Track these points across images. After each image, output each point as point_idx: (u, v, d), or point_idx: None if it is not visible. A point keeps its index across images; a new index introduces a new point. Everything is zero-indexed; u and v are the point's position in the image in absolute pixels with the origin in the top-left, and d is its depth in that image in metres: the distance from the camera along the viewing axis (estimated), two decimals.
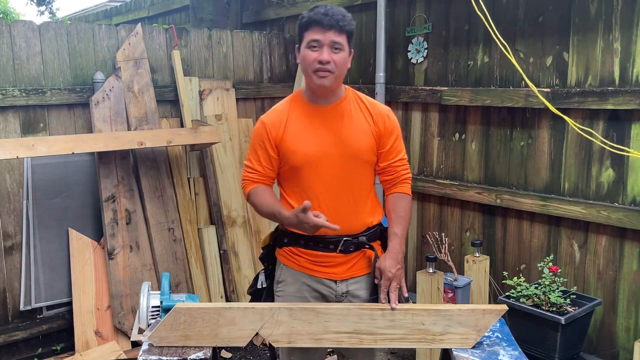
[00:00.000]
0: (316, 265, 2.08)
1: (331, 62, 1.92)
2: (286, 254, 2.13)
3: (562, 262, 3.07)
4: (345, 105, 2.06)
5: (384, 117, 2.08)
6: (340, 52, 1.94)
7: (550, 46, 3.02)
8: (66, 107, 3.47)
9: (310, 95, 2.06)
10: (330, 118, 2.04)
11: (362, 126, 2.05)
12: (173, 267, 3.57)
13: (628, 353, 2.86)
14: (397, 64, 3.81)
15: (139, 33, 3.66)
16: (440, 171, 3.64)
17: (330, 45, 1.93)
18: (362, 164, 2.06)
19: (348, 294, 2.10)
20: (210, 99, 3.95)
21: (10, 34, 3.27)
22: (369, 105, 2.09)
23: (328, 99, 2.04)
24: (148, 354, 1.86)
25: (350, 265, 2.09)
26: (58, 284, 3.39)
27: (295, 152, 2.01)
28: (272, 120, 2.06)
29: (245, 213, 3.92)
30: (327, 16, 1.91)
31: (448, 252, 3.21)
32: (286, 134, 2.03)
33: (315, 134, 2.02)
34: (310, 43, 1.94)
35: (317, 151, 2.01)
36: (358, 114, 2.06)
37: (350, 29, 1.98)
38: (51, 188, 3.38)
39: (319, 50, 1.93)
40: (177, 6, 6.25)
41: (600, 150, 2.87)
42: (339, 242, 2.04)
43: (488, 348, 1.90)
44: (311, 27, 1.94)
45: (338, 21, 1.92)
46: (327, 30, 1.92)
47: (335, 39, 1.92)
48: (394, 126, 2.10)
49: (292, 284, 2.11)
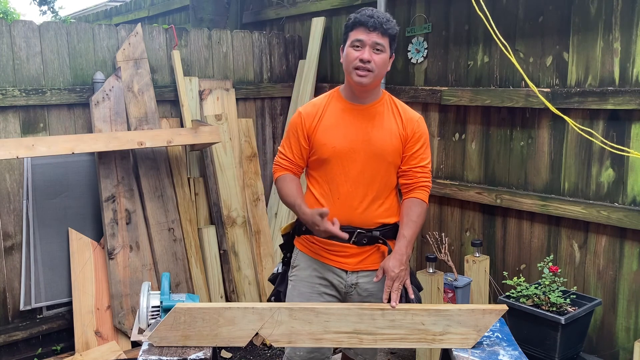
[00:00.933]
0: (329, 253, 2.17)
1: (372, 61, 2.01)
2: (303, 241, 2.24)
3: (562, 262, 3.07)
4: (379, 107, 2.16)
5: (413, 122, 2.18)
6: (382, 54, 2.04)
7: (550, 46, 3.02)
8: (66, 107, 3.47)
9: (348, 94, 2.15)
10: (363, 117, 2.13)
11: (391, 129, 2.14)
12: (173, 267, 3.57)
13: (628, 353, 2.86)
14: (397, 64, 3.81)
15: (139, 33, 3.66)
16: (440, 171, 3.64)
17: (372, 45, 2.02)
18: (385, 164, 2.14)
19: (357, 286, 2.17)
20: (210, 99, 3.95)
21: (10, 34, 3.27)
22: (401, 110, 2.20)
23: (364, 99, 2.14)
24: (148, 354, 1.86)
25: (363, 258, 2.16)
26: (58, 284, 3.39)
27: (324, 145, 2.11)
28: (308, 112, 2.18)
29: (245, 213, 3.92)
30: (372, 18, 2.01)
31: (448, 252, 3.21)
32: (319, 126, 2.13)
33: (345, 130, 2.12)
34: (353, 42, 2.04)
35: (344, 146, 2.10)
36: (389, 117, 2.15)
37: (393, 32, 2.06)
38: (51, 188, 3.38)
39: (361, 49, 2.02)
40: (177, 6, 6.26)
41: (600, 150, 2.87)
42: (353, 233, 2.12)
43: (488, 348, 1.90)
44: (356, 27, 2.04)
45: (382, 24, 2.01)
46: (371, 32, 2.01)
47: (378, 40, 2.02)
48: (422, 133, 2.19)
49: (305, 269, 2.21)
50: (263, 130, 4.35)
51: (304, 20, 4.44)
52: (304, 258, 2.23)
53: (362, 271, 2.17)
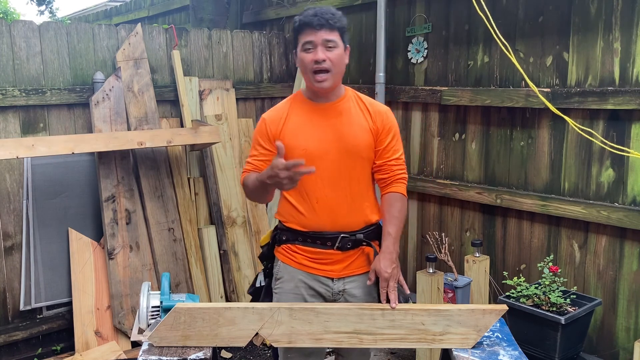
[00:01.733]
0: (313, 262, 2.10)
1: (327, 60, 1.96)
2: (284, 251, 2.15)
3: (562, 262, 3.07)
4: (344, 103, 2.09)
5: (382, 115, 2.11)
6: (335, 50, 1.98)
7: (550, 46, 3.02)
8: (66, 107, 3.47)
9: (311, 94, 2.10)
10: (329, 115, 2.07)
11: (361, 123, 2.08)
12: (173, 267, 3.57)
13: (628, 353, 2.86)
14: (397, 64, 3.81)
15: (139, 33, 3.66)
16: (440, 171, 3.64)
17: (323, 44, 1.97)
18: (360, 160, 2.07)
19: (344, 292, 2.11)
20: (210, 99, 3.95)
21: (10, 34, 3.27)
22: (367, 104, 2.13)
23: (328, 97, 2.08)
24: (148, 354, 1.86)
25: (348, 264, 2.10)
26: (58, 284, 3.39)
27: (294, 148, 2.03)
28: (272, 116, 2.11)
29: (245, 213, 3.92)
30: (316, 16, 1.96)
31: (448, 252, 3.21)
32: (285, 129, 2.07)
33: (314, 130, 2.05)
34: (304, 45, 1.99)
35: (315, 147, 2.03)
36: (357, 112, 2.09)
37: (341, 25, 2.01)
38: (51, 188, 3.38)
39: (313, 51, 1.97)
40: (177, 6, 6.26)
41: (600, 150, 2.87)
42: (337, 239, 2.05)
43: (488, 348, 1.90)
44: (303, 29, 1.99)
45: (328, 20, 1.96)
46: (319, 30, 1.96)
47: (328, 37, 1.96)
48: (392, 125, 2.13)
49: (289, 281, 2.12)
50: None
51: None
52: (287, 269, 2.13)
53: (348, 277, 2.11)
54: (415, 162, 3.78)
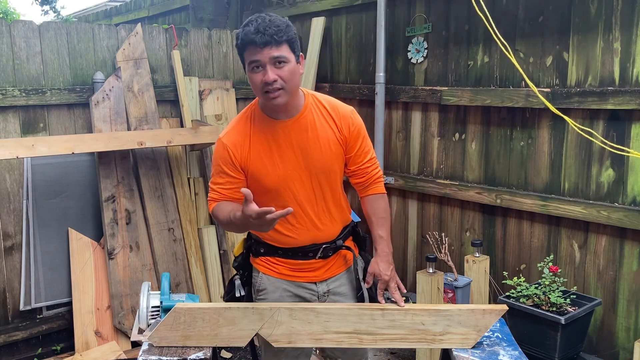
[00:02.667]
0: (295, 271, 2.08)
1: (278, 79, 1.79)
2: (263, 262, 2.10)
3: (562, 262, 3.07)
4: (307, 116, 1.95)
5: (347, 120, 2.00)
6: (285, 65, 1.80)
7: (550, 46, 3.02)
8: (66, 107, 3.48)
9: (269, 111, 1.95)
10: (294, 133, 1.94)
11: (328, 136, 1.97)
12: (173, 267, 3.57)
13: (628, 353, 2.86)
14: (397, 64, 3.81)
15: (139, 33, 3.66)
16: (440, 171, 3.64)
17: (271, 62, 1.78)
18: (332, 173, 2.02)
19: (329, 292, 2.12)
20: (210, 99, 3.95)
21: (10, 34, 3.27)
22: (330, 109, 2.00)
23: (288, 112, 1.93)
24: (148, 354, 1.86)
25: (329, 267, 2.11)
26: (58, 284, 3.39)
27: (264, 175, 1.95)
28: (234, 141, 1.95)
29: None
30: (258, 33, 1.75)
31: (448, 252, 3.21)
32: (251, 155, 1.94)
33: (281, 152, 1.94)
34: (251, 64, 1.81)
35: (286, 171, 1.95)
36: (322, 123, 1.97)
37: (289, 37, 1.81)
38: (51, 188, 3.38)
39: (262, 70, 1.79)
40: (177, 6, 6.26)
41: (600, 150, 2.87)
42: (319, 250, 2.04)
43: (488, 348, 1.90)
44: (247, 48, 1.80)
45: (272, 35, 1.76)
46: (263, 48, 1.76)
47: (275, 54, 1.78)
48: (359, 128, 2.03)
49: (273, 292, 2.09)
50: None
51: (304, 20, 4.43)
52: (270, 280, 2.08)
53: (330, 278, 2.11)
54: (415, 162, 3.78)
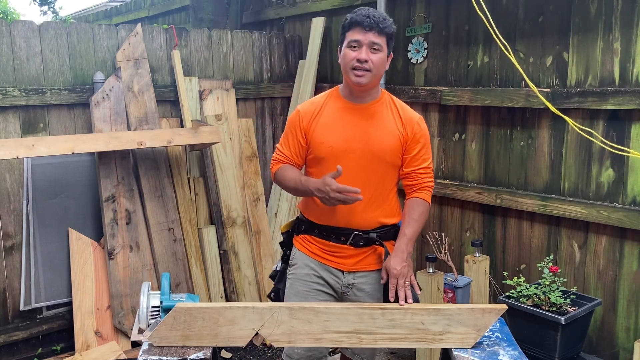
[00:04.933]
0: (326, 253, 2.17)
1: (369, 61, 2.00)
2: (301, 240, 2.24)
3: (562, 262, 3.07)
4: (378, 106, 2.14)
5: (413, 123, 2.16)
6: (379, 53, 2.02)
7: (550, 46, 3.02)
8: (66, 107, 3.47)
9: (347, 93, 2.15)
10: (361, 116, 2.12)
11: (390, 128, 2.12)
12: (173, 267, 3.57)
13: (628, 353, 2.86)
14: (397, 64, 3.81)
15: (139, 33, 3.66)
16: (440, 171, 3.64)
17: (369, 45, 2.01)
18: (383, 164, 2.12)
19: (353, 286, 2.17)
20: (210, 99, 3.95)
21: (10, 34, 3.27)
22: (401, 110, 2.18)
23: (363, 98, 2.13)
24: (148, 354, 1.86)
25: (360, 259, 2.16)
26: (58, 284, 3.39)
27: (321, 143, 2.11)
28: (307, 109, 2.17)
29: (245, 213, 3.92)
30: (368, 18, 2.00)
31: (448, 252, 3.21)
32: (316, 124, 2.13)
33: (343, 129, 2.11)
34: (350, 43, 2.02)
35: (341, 145, 2.09)
36: (389, 116, 2.14)
37: (390, 31, 2.05)
38: (51, 188, 3.38)
39: (358, 49, 2.01)
40: (177, 6, 6.26)
41: (600, 150, 2.87)
42: (350, 235, 2.12)
43: (488, 348, 1.90)
44: (353, 27, 2.02)
45: (378, 23, 2.00)
46: (368, 32, 2.00)
47: (375, 39, 2.00)
48: (422, 134, 2.18)
49: (302, 268, 2.21)
50: (263, 130, 4.35)
51: (304, 20, 4.44)
52: (302, 257, 2.23)
53: (359, 272, 2.17)
54: None
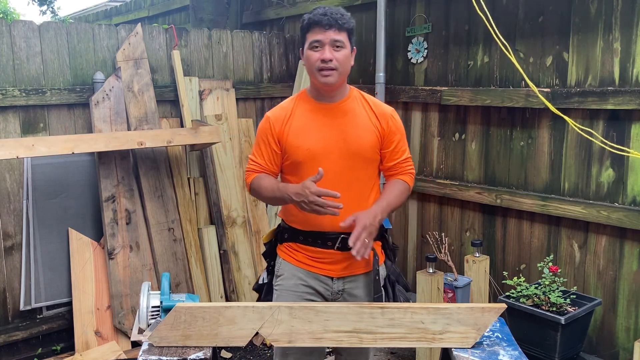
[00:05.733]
0: (313, 260, 2.10)
1: (333, 59, 1.97)
2: (286, 249, 2.16)
3: (562, 262, 3.07)
4: (349, 103, 2.10)
5: (387, 117, 2.12)
6: (342, 50, 1.99)
7: (550, 46, 3.02)
8: (66, 107, 3.47)
9: (315, 94, 2.11)
10: (334, 115, 2.08)
11: (365, 124, 2.08)
12: (173, 267, 3.57)
13: (628, 353, 2.86)
14: (397, 64, 3.81)
15: (139, 33, 3.66)
16: (440, 171, 3.64)
17: (331, 43, 1.98)
18: (363, 161, 2.08)
19: (344, 292, 2.12)
20: (210, 99, 3.95)
21: (10, 34, 3.27)
22: (373, 105, 2.13)
23: (332, 97, 2.08)
24: (148, 354, 1.86)
25: (348, 264, 2.09)
26: (58, 284, 3.39)
27: (297, 147, 2.05)
28: (277, 115, 2.11)
29: (245, 213, 3.92)
30: (325, 16, 1.97)
31: (448, 252, 3.21)
32: (289, 129, 2.08)
33: (318, 130, 2.06)
34: (312, 44, 1.99)
35: (319, 147, 2.04)
36: (362, 113, 2.10)
37: (350, 26, 2.03)
38: (51, 188, 3.38)
39: (320, 49, 1.98)
40: (177, 6, 6.26)
41: (600, 150, 2.87)
42: (337, 239, 2.05)
43: (488, 348, 1.90)
44: (312, 28, 1.99)
45: (337, 20, 1.97)
46: (327, 30, 1.97)
47: (336, 37, 1.98)
48: (398, 126, 2.14)
49: (289, 279, 2.13)
50: None
51: None
52: (288, 267, 2.14)
53: (348, 277, 2.11)
54: (415, 162, 3.78)
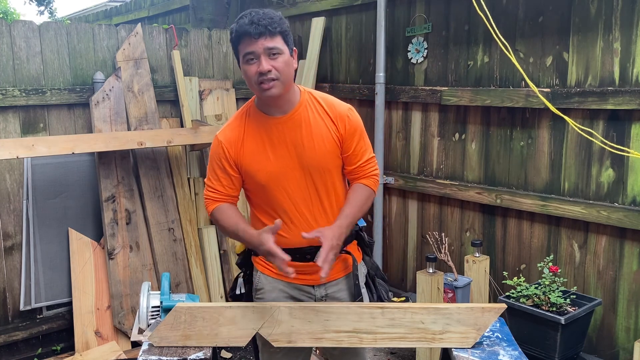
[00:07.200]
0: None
1: (272, 69, 1.82)
2: (262, 261, 2.08)
3: (562, 262, 3.07)
4: (302, 112, 1.96)
5: (344, 118, 1.98)
6: (280, 56, 1.84)
7: (550, 46, 3.02)
8: (66, 107, 3.48)
9: (264, 106, 1.96)
10: (288, 130, 1.94)
11: (322, 133, 1.96)
12: (173, 267, 3.57)
13: (628, 353, 2.86)
14: (397, 64, 3.81)
15: (139, 33, 3.66)
16: (440, 171, 3.64)
17: (265, 53, 1.82)
18: (327, 172, 1.99)
19: (327, 297, 2.08)
20: (210, 99, 3.95)
21: (10, 34, 3.27)
22: (327, 107, 1.99)
23: (282, 108, 1.94)
24: (148, 354, 1.86)
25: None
26: (58, 284, 3.39)
27: (257, 171, 1.95)
28: (229, 138, 1.98)
29: (245, 213, 3.92)
30: (253, 24, 1.80)
31: (448, 252, 3.20)
32: (244, 152, 1.96)
33: (274, 149, 1.95)
34: (246, 57, 1.84)
35: (279, 168, 1.94)
36: (316, 120, 1.96)
37: (282, 28, 1.85)
38: (51, 188, 3.38)
39: (256, 61, 1.83)
40: (177, 6, 6.26)
41: (600, 150, 2.87)
42: (315, 253, 1.94)
43: (488, 348, 1.90)
44: (242, 39, 1.84)
45: (266, 26, 1.81)
46: (258, 39, 1.81)
47: (269, 44, 1.82)
48: (356, 126, 2.01)
49: (270, 292, 2.08)
50: None
51: (304, 20, 4.44)
52: (267, 280, 2.07)
53: (329, 282, 2.06)
54: (415, 162, 3.78)
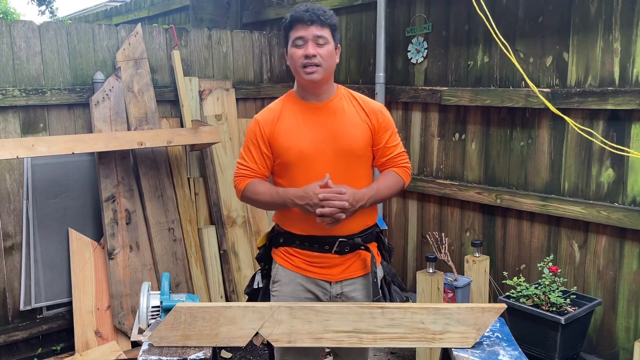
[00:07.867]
0: (311, 265, 2.08)
1: (317, 55, 1.95)
2: (282, 254, 2.13)
3: (562, 262, 3.07)
4: (337, 102, 2.07)
5: (377, 112, 2.08)
6: (326, 46, 1.97)
7: (550, 46, 3.02)
8: (66, 107, 3.48)
9: (302, 93, 2.08)
10: (323, 114, 2.04)
11: (355, 121, 2.05)
12: (173, 267, 3.57)
13: (628, 353, 2.86)
14: (397, 64, 3.81)
15: (139, 33, 3.66)
16: (440, 171, 3.64)
17: (314, 39, 1.96)
18: (356, 159, 2.05)
19: (342, 295, 2.10)
20: (210, 99, 3.95)
21: (10, 34, 3.27)
22: (361, 102, 2.10)
23: (319, 96, 2.05)
24: (148, 354, 1.86)
25: (346, 267, 2.08)
26: (58, 284, 3.39)
27: (288, 149, 2.02)
28: (266, 117, 2.08)
29: (245, 213, 3.92)
30: (307, 12, 1.95)
31: (448, 252, 3.21)
32: (279, 130, 2.04)
33: (308, 130, 2.03)
34: (295, 41, 1.98)
35: (310, 148, 2.01)
36: (351, 110, 2.07)
37: (332, 22, 2.00)
38: (51, 188, 3.38)
39: (304, 46, 1.96)
40: (177, 6, 6.26)
41: (600, 150, 2.87)
42: (334, 243, 2.03)
43: (488, 348, 1.90)
44: (294, 25, 1.98)
45: (319, 16, 1.95)
46: (310, 26, 1.95)
47: (319, 33, 1.95)
48: (388, 122, 2.10)
49: (287, 284, 2.11)
50: None
51: None
52: (285, 273, 2.11)
53: (345, 280, 2.09)
54: (415, 162, 3.78)
